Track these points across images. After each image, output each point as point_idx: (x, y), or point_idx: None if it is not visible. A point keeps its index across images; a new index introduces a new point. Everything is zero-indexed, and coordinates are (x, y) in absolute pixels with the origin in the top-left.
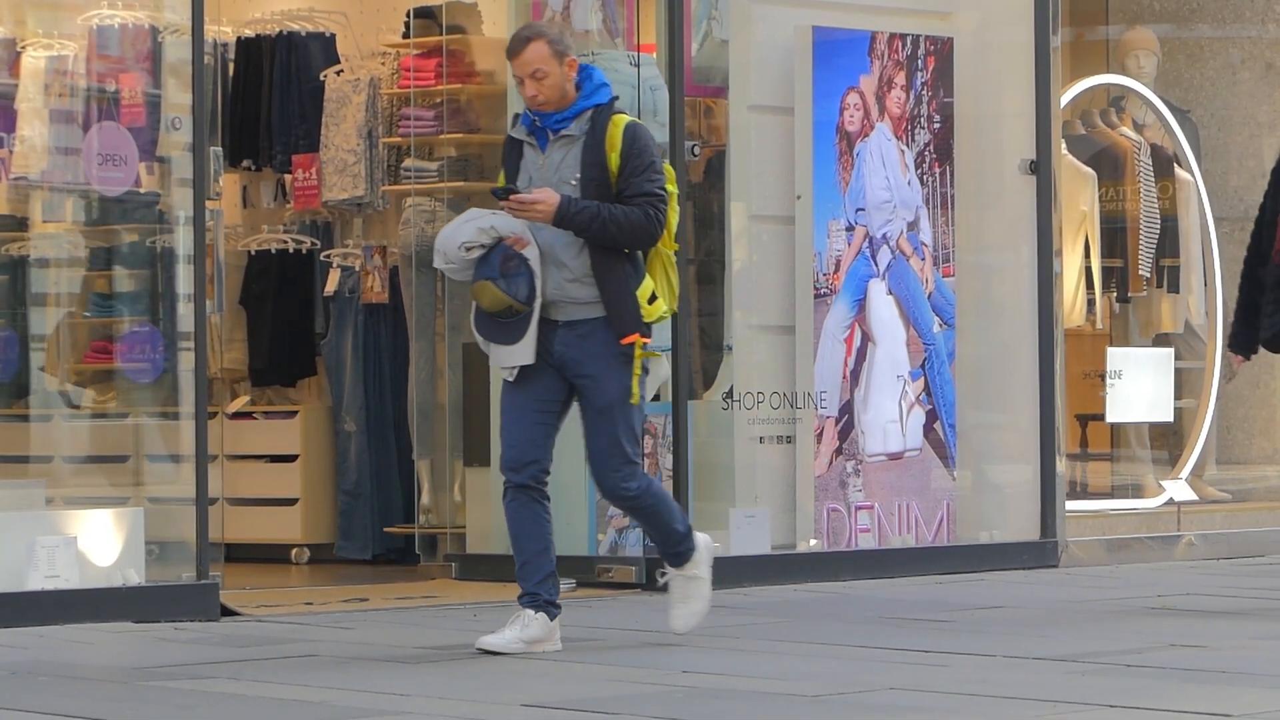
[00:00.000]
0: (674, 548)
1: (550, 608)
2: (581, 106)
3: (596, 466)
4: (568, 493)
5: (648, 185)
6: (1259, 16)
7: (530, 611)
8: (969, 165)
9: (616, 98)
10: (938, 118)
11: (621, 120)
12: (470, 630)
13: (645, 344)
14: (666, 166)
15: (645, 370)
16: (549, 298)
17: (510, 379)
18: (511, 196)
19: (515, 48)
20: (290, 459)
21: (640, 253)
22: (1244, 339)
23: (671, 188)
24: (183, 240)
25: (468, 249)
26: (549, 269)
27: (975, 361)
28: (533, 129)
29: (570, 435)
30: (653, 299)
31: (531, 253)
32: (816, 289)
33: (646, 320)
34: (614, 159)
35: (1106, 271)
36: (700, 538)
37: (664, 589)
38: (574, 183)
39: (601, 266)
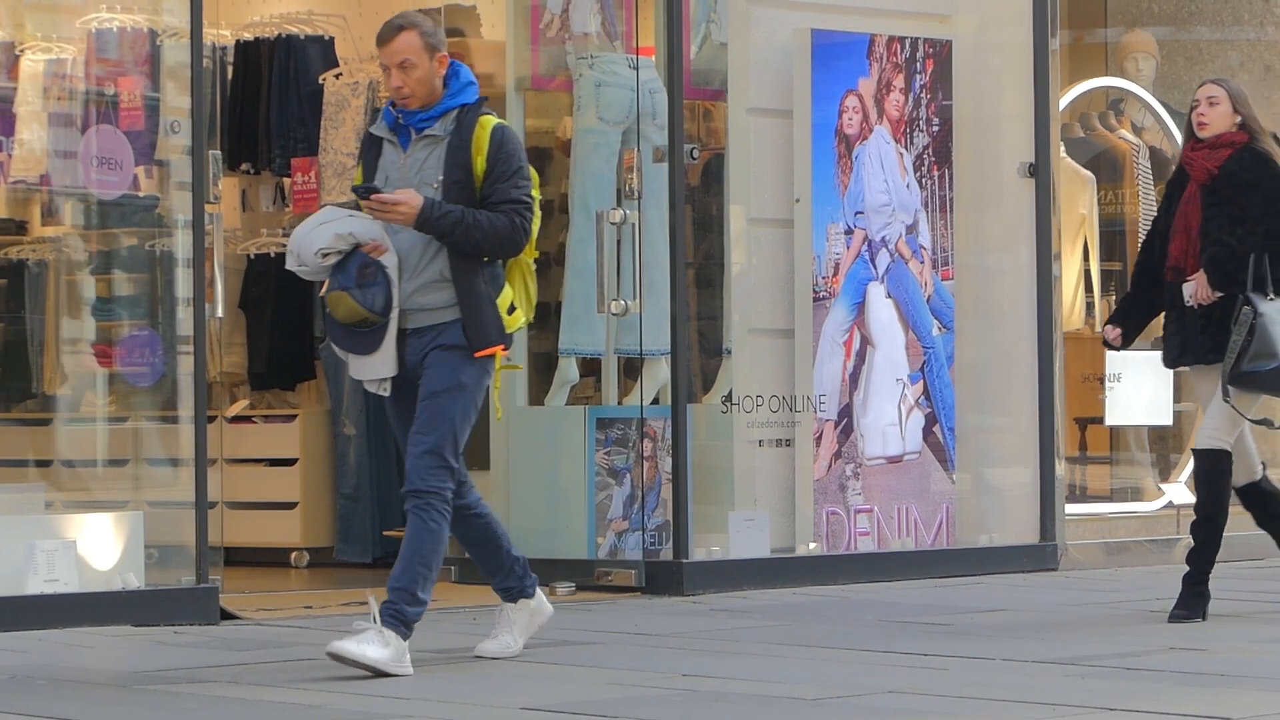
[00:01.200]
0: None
1: (524, 590)
2: (447, 106)
3: (407, 450)
4: (566, 497)
5: (514, 192)
6: (1258, 19)
7: (510, 605)
8: (968, 168)
9: (485, 99)
10: (936, 121)
11: (489, 122)
12: (469, 634)
13: (505, 356)
14: (532, 171)
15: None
16: (401, 306)
17: (385, 393)
18: (373, 196)
19: (385, 35)
20: (289, 463)
21: (500, 261)
22: (1122, 319)
23: (536, 194)
24: (182, 244)
25: (323, 255)
26: (404, 277)
27: (974, 365)
28: (395, 126)
29: (572, 435)
30: (511, 309)
31: (389, 260)
32: (815, 292)
33: (507, 331)
34: (479, 162)
35: (1105, 274)
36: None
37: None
38: (435, 185)
39: (460, 274)
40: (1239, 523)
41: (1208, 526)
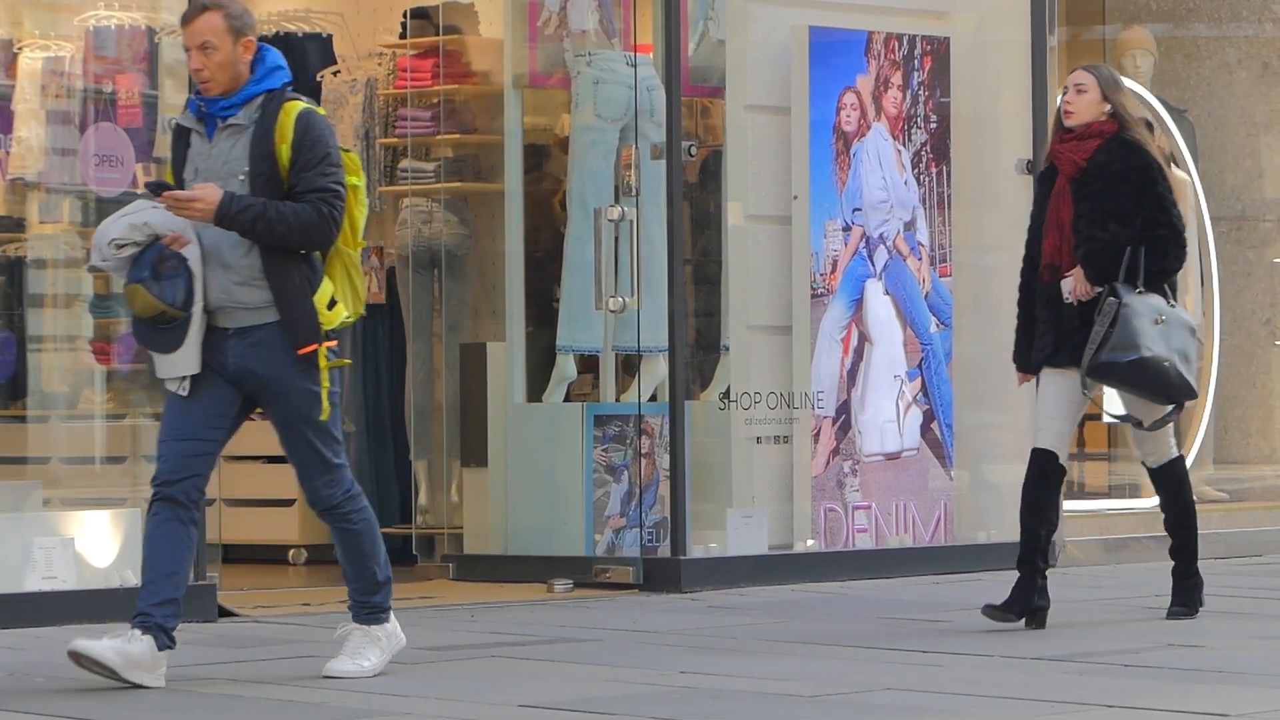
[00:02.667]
0: (366, 595)
1: (160, 634)
2: (251, 92)
3: (300, 478)
4: (564, 494)
5: (321, 180)
6: (1256, 16)
7: (137, 631)
8: (966, 165)
9: (290, 83)
10: (934, 117)
11: (294, 108)
12: (466, 630)
13: (330, 351)
14: (351, 157)
15: (335, 386)
16: (215, 303)
17: (182, 393)
18: (166, 193)
19: (189, 15)
20: (287, 460)
21: (319, 253)
22: (1026, 355)
23: (356, 180)
24: None
25: (118, 246)
26: (214, 271)
27: (972, 361)
28: (200, 115)
29: (572, 435)
30: (332, 304)
31: (192, 252)
32: (813, 289)
33: (326, 328)
34: (284, 151)
35: None
36: (396, 624)
37: (339, 639)
38: (242, 177)
39: (274, 269)
40: (1237, 519)
41: (1185, 531)
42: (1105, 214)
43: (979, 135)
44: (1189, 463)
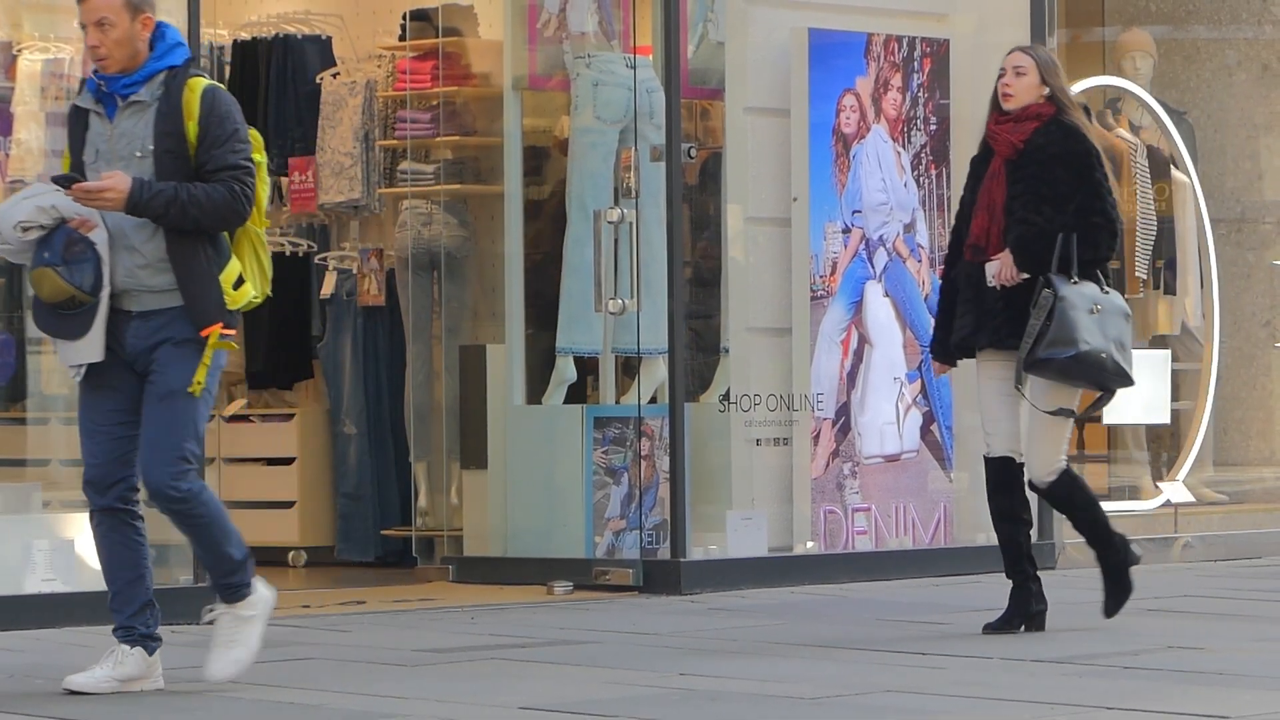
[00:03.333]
0: (227, 578)
1: (148, 641)
2: (153, 69)
3: (145, 457)
4: (564, 495)
5: (231, 157)
6: (1255, 18)
7: (125, 647)
8: (965, 167)
9: (193, 59)
10: (934, 119)
11: (199, 84)
12: (466, 632)
13: (222, 334)
14: (253, 134)
15: (217, 363)
16: (120, 285)
17: (77, 379)
18: (75, 186)
19: None
20: (287, 462)
21: (225, 233)
22: (945, 346)
23: (259, 157)
24: None
25: (24, 229)
26: (119, 253)
27: (972, 363)
28: (99, 95)
29: (572, 437)
30: (239, 283)
31: (99, 236)
32: (813, 291)
33: (231, 307)
34: (192, 128)
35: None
36: (261, 585)
37: (212, 624)
38: (140, 154)
39: (178, 250)
40: (1236, 522)
41: (1108, 541)
42: (1040, 197)
43: (979, 137)
44: (1186, 467)
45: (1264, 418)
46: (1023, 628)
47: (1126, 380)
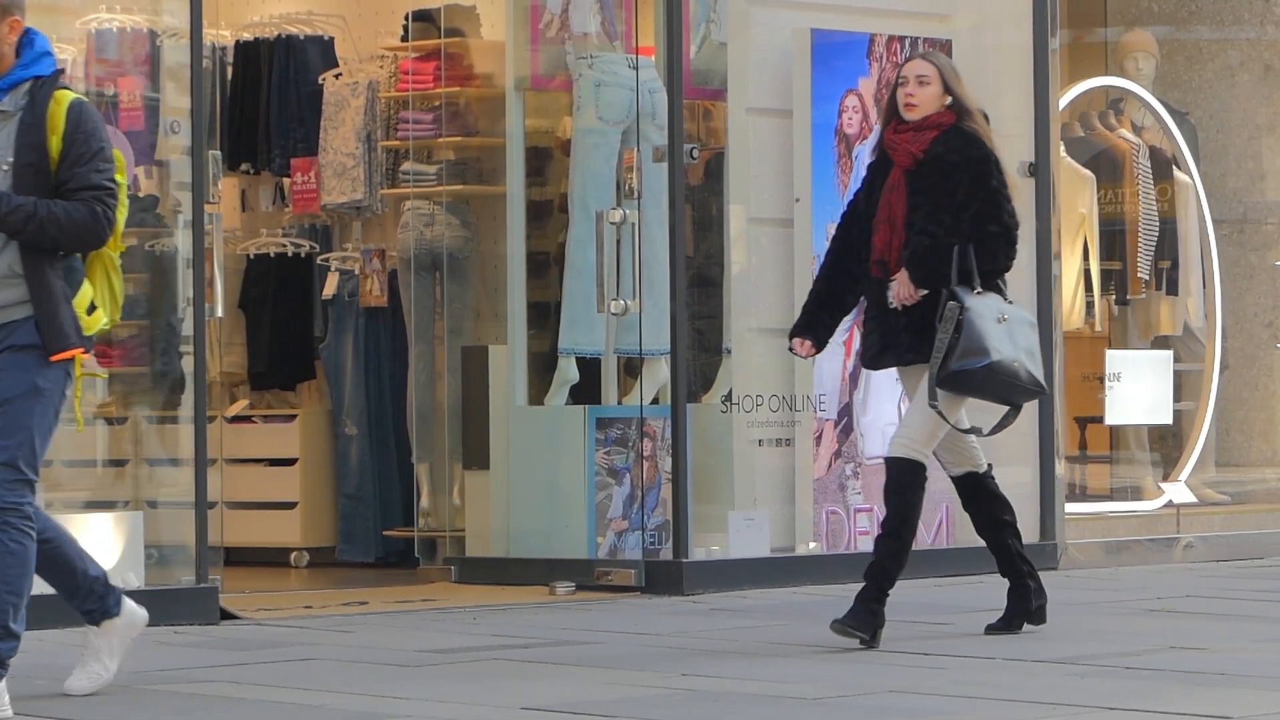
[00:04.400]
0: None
1: (107, 604)
2: (18, 77)
3: None
4: (567, 496)
5: (95, 176)
6: (1258, 18)
7: (93, 628)
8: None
9: (62, 70)
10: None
11: (65, 97)
12: (468, 634)
13: (84, 360)
14: (117, 154)
15: (67, 387)
16: None
17: None
18: None
19: None
20: (289, 462)
21: (78, 254)
22: (807, 326)
23: (121, 178)
24: (182, 243)
25: None
26: None
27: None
28: None
29: (572, 435)
30: (92, 309)
31: None
32: None
33: (86, 333)
34: (55, 143)
35: (1105, 274)
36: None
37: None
38: (5, 167)
39: (32, 269)
40: (1239, 522)
41: (892, 542)
42: (939, 207)
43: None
44: (1188, 468)
45: (1266, 418)
46: (1024, 625)
47: (1041, 390)
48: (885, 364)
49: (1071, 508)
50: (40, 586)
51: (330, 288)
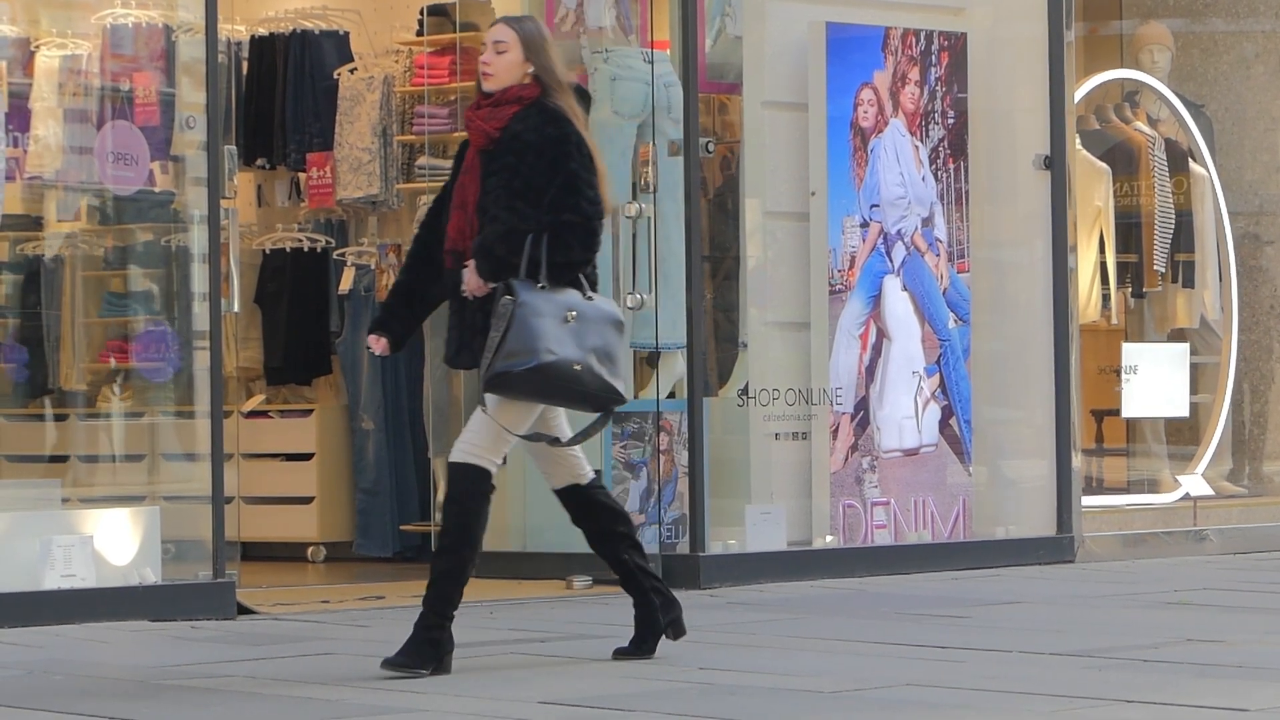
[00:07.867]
0: None
1: None
2: None
3: None
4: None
5: None
6: (1273, 10)
7: None
8: (983, 161)
9: None
10: (952, 113)
11: None
12: (486, 628)
13: None
14: None
15: None
16: None
17: None
18: None
19: None
20: (306, 457)
21: None
22: (386, 323)
23: None
24: (197, 239)
25: None
26: None
27: (990, 357)
28: None
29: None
30: None
31: None
32: (831, 285)
33: None
34: None
35: (1121, 267)
36: None
37: None
38: None
39: None
40: (1256, 514)
41: (449, 559)
42: (513, 193)
43: (996, 131)
44: (1205, 460)
45: None
46: (657, 646)
47: (616, 396)
48: (464, 363)
49: (1088, 500)
50: (60, 582)
51: (346, 283)
